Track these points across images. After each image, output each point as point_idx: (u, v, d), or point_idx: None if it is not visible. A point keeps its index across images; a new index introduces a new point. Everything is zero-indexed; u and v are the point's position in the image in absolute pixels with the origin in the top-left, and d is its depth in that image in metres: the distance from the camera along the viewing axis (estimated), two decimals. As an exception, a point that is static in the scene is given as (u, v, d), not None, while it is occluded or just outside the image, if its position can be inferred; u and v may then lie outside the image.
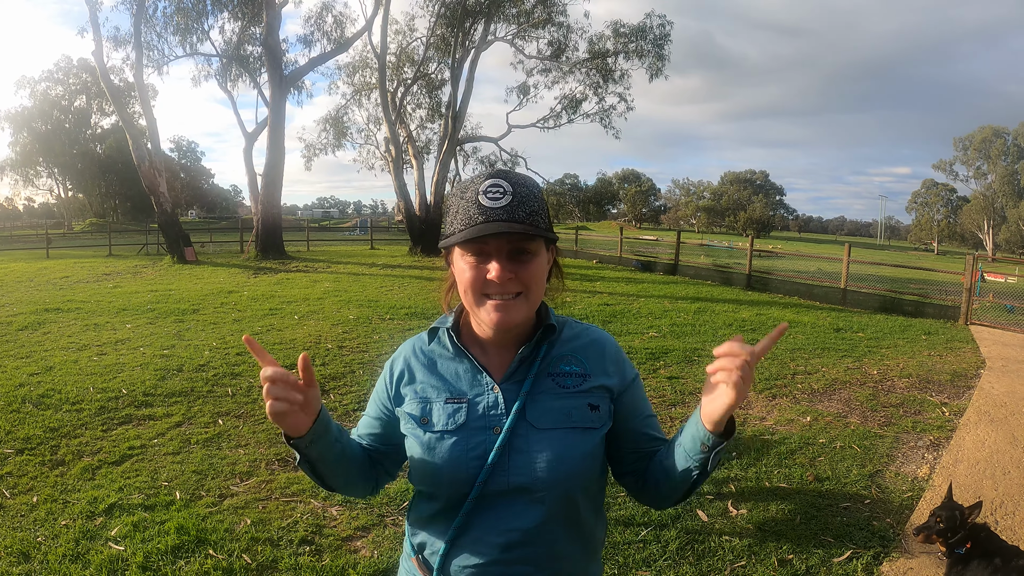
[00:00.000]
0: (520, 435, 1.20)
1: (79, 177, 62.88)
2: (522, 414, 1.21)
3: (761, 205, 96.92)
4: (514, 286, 1.17)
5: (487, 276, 1.15)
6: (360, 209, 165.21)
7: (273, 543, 3.41)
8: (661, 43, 26.32)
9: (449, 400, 1.24)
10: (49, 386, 6.16)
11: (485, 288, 1.17)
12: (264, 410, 5.27)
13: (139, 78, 21.85)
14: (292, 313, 10.62)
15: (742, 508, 3.99)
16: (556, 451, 1.18)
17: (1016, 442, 5.52)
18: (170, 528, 3.47)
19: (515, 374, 1.24)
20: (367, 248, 30.10)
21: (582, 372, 1.26)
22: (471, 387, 1.25)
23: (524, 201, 1.15)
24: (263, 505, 3.84)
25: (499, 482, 1.19)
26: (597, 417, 1.23)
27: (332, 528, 3.61)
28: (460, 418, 1.22)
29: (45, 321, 9.60)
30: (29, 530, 3.51)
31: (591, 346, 1.30)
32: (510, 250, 1.16)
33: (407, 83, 29.56)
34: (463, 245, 1.17)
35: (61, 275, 16.63)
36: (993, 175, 69.70)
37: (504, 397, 1.22)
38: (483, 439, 1.20)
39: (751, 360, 1.03)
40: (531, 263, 1.18)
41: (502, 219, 1.13)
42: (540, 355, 1.25)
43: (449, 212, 1.22)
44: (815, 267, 23.92)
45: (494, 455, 1.18)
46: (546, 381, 1.24)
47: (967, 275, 12.56)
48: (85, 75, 57.15)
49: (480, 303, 1.19)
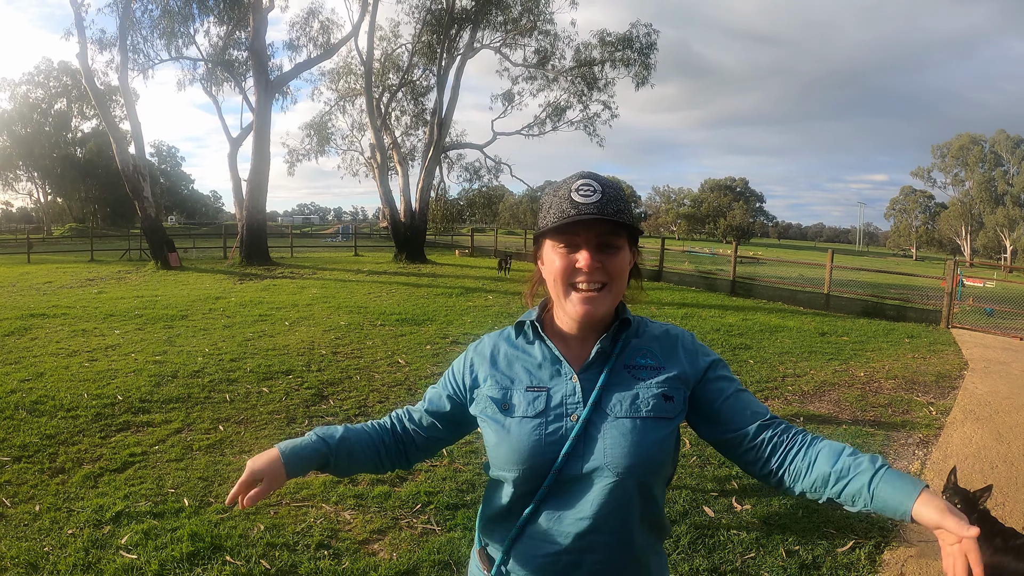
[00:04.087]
0: (595, 423, 1.26)
1: (59, 181, 61.94)
2: (598, 403, 1.27)
3: (741, 212, 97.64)
4: (600, 276, 1.25)
5: (576, 265, 1.25)
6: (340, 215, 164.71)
7: (290, 548, 3.42)
8: (647, 52, 26.59)
9: (530, 388, 1.32)
10: (42, 392, 6.10)
11: (573, 277, 1.26)
12: (264, 416, 5.26)
13: (124, 81, 21.69)
14: (282, 319, 10.60)
15: (746, 504, 4.09)
16: (630, 439, 1.24)
17: (1001, 438, 5.70)
18: (183, 535, 3.45)
19: (593, 365, 1.31)
20: (351, 254, 30.03)
21: (656, 365, 1.32)
22: (551, 376, 1.32)
23: (613, 199, 1.25)
24: (274, 511, 3.84)
25: (574, 468, 1.25)
26: (671, 407, 1.28)
27: (347, 532, 3.63)
28: (540, 405, 1.29)
29: (31, 327, 9.49)
30: (34, 540, 3.44)
31: (665, 338, 1.37)
32: (599, 242, 1.25)
33: (392, 89, 29.61)
34: (556, 236, 1.27)
35: (44, 280, 16.44)
36: (970, 182, 70.90)
37: (582, 387, 1.29)
38: (560, 426, 1.27)
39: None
40: (617, 256, 1.27)
41: (593, 213, 1.22)
42: (617, 349, 1.32)
43: (542, 209, 1.31)
44: (797, 273, 24.20)
45: (570, 443, 1.24)
46: (622, 373, 1.30)
47: (948, 280, 12.80)
48: (66, 78, 56.46)
49: (567, 293, 1.28)
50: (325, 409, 5.89)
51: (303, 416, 5.66)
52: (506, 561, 1.31)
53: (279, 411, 5.77)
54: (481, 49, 27.38)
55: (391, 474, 4.43)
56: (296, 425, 5.44)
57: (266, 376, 6.88)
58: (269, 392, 6.33)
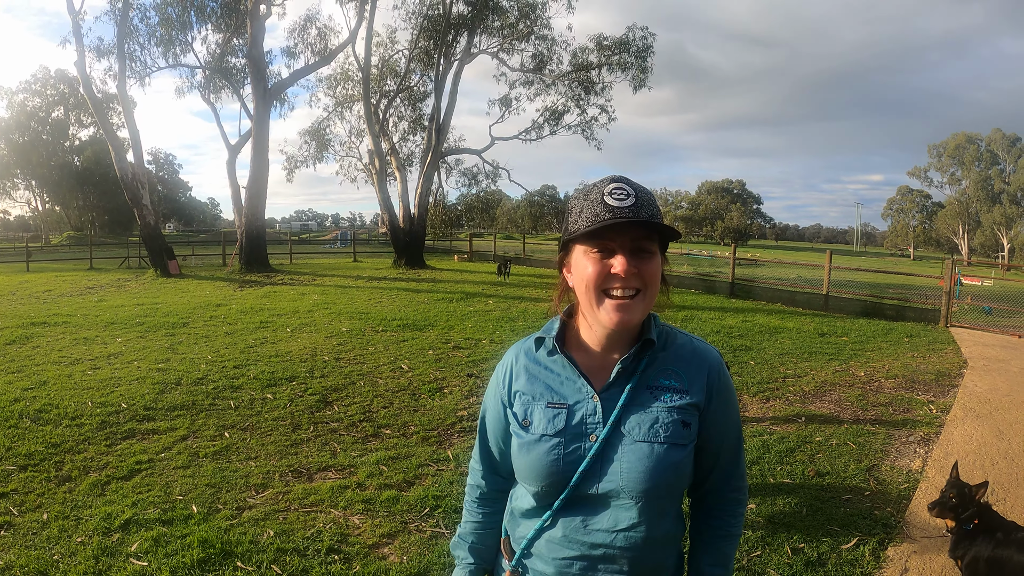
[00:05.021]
0: (613, 445, 1.25)
1: (57, 189, 61.91)
2: (618, 424, 1.26)
3: (739, 214, 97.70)
4: (636, 281, 1.21)
5: (611, 271, 1.20)
6: (338, 222, 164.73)
7: (300, 553, 3.44)
8: (644, 55, 26.63)
9: (551, 404, 1.30)
10: (46, 401, 6.11)
11: (606, 283, 1.22)
12: (269, 422, 5.29)
13: (122, 89, 21.70)
14: (284, 326, 10.61)
15: (750, 503, 4.13)
16: (645, 464, 1.23)
17: (1002, 435, 5.75)
18: (193, 542, 3.47)
19: (615, 384, 1.28)
20: (350, 260, 30.06)
21: (680, 388, 1.29)
22: (572, 394, 1.30)
23: (647, 203, 1.21)
24: (283, 516, 3.87)
25: (590, 487, 1.26)
26: (687, 434, 1.27)
27: (357, 536, 3.65)
28: (559, 423, 1.28)
29: (33, 335, 9.50)
30: (43, 548, 3.45)
31: (692, 359, 1.32)
32: (633, 247, 1.21)
33: (390, 95, 29.65)
34: (588, 241, 1.22)
35: (43, 288, 16.43)
36: (967, 181, 71.10)
37: (603, 406, 1.27)
38: (579, 445, 1.26)
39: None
40: (651, 261, 1.23)
41: (628, 216, 1.18)
42: (640, 368, 1.29)
43: (572, 213, 1.26)
44: (795, 274, 24.25)
45: (587, 462, 1.25)
46: (644, 393, 1.28)
47: (946, 279, 12.84)
48: (63, 86, 56.45)
49: (600, 301, 1.23)
50: (330, 415, 5.91)
51: (308, 422, 5.68)
52: (527, 555, 1.35)
53: (284, 417, 5.79)
54: (478, 54, 27.42)
55: (399, 478, 4.46)
56: (301, 431, 5.45)
57: (270, 383, 6.91)
58: (273, 399, 6.35)
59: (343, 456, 4.90)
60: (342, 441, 5.25)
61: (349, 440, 5.28)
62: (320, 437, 5.33)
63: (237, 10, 24.08)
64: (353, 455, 4.93)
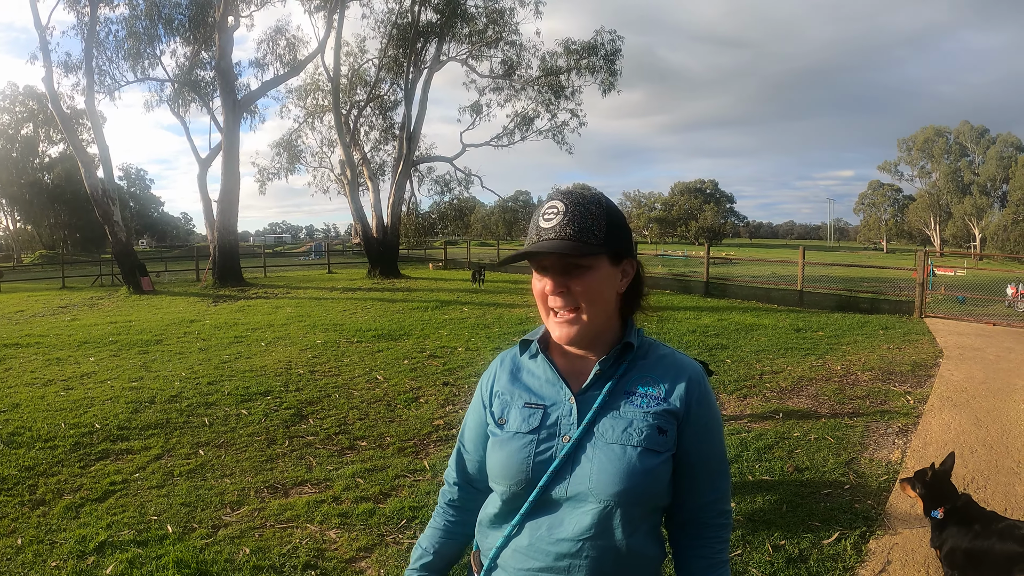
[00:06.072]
0: (585, 446, 1.24)
1: (28, 208, 60.79)
2: (591, 426, 1.25)
3: (712, 213, 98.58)
4: (569, 300, 1.23)
5: (545, 289, 1.26)
6: (312, 233, 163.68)
7: (277, 570, 3.39)
8: (612, 58, 26.80)
9: (528, 404, 1.31)
10: (18, 423, 5.98)
11: (548, 301, 1.26)
12: (244, 438, 5.21)
13: (91, 104, 21.40)
14: (258, 340, 10.50)
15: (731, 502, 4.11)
16: (616, 466, 1.21)
17: (980, 423, 5.82)
18: (168, 563, 3.40)
19: (593, 387, 1.28)
20: (325, 272, 29.84)
21: (659, 395, 1.27)
22: (550, 395, 1.31)
23: (575, 219, 1.21)
24: (259, 533, 3.80)
25: (559, 489, 1.23)
26: (663, 441, 1.24)
27: (333, 551, 3.60)
28: (534, 422, 1.28)
29: (4, 357, 9.30)
30: (19, 573, 3.40)
31: (672, 367, 1.31)
32: (563, 265, 1.22)
33: (360, 105, 29.56)
34: (531, 261, 1.27)
35: (15, 309, 16.12)
36: (937, 173, 72.36)
37: (579, 408, 1.27)
38: (551, 444, 1.26)
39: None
40: (584, 277, 1.22)
41: (551, 238, 1.20)
42: (619, 372, 1.29)
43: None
44: (770, 271, 24.48)
45: (558, 462, 1.23)
46: (621, 397, 1.27)
47: (919, 271, 13.02)
48: (32, 103, 55.44)
49: (547, 316, 1.29)
50: (305, 429, 5.84)
51: (283, 436, 5.60)
52: (493, 568, 1.32)
53: (259, 433, 5.71)
54: (448, 62, 27.40)
55: (375, 490, 4.41)
56: (276, 446, 5.38)
57: (244, 398, 6.81)
58: (248, 414, 6.26)
59: (319, 470, 4.83)
60: (318, 455, 5.19)
61: (325, 453, 5.22)
62: (296, 452, 5.26)
63: (205, 23, 23.86)
64: (329, 469, 4.86)
